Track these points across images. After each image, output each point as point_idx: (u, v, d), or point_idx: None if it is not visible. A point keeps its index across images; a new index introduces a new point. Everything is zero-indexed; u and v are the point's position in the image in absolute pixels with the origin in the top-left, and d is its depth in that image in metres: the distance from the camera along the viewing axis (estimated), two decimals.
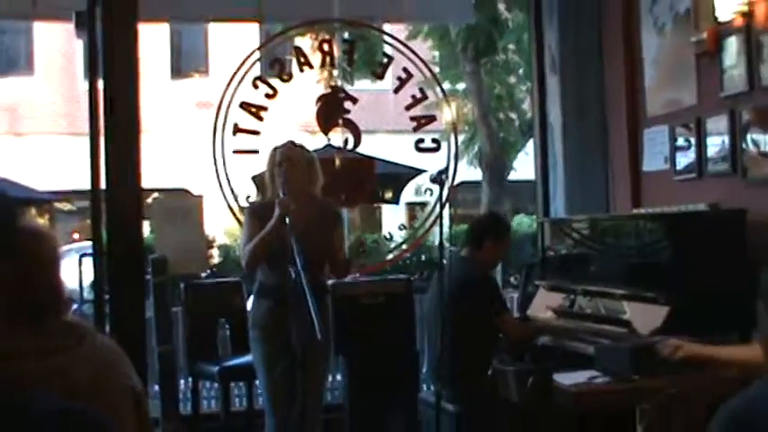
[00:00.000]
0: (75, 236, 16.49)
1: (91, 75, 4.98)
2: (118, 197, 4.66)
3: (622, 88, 5.56)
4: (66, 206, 17.33)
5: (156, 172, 6.54)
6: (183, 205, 6.00)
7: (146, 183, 4.73)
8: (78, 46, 15.16)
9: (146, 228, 6.08)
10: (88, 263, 5.15)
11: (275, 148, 4.32)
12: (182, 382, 6.01)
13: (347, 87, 6.56)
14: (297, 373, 3.88)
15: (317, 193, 4.35)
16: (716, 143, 4.70)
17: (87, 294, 6.82)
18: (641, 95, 5.41)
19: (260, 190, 5.78)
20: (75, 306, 7.72)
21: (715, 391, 3.12)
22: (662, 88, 5.21)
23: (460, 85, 14.81)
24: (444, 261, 4.27)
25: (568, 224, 5.25)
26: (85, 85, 5.14)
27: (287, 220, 3.93)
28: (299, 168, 4.23)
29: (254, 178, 5.86)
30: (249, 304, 4.41)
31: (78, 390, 1.76)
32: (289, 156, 4.24)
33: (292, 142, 4.35)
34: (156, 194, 6.49)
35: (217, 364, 5.35)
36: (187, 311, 5.71)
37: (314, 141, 6.07)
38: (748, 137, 4.46)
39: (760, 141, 4.39)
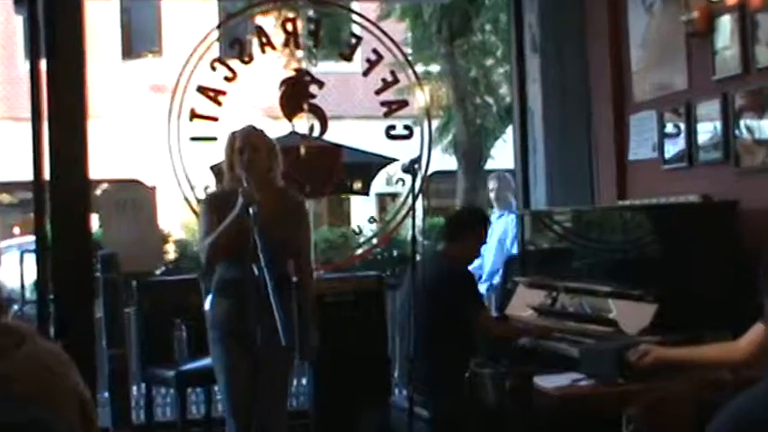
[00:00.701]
0: (17, 230, 16.32)
1: (32, 55, 4.92)
2: (63, 188, 4.62)
3: (607, 71, 5.58)
4: (6, 198, 17.13)
5: (105, 161, 6.49)
6: (134, 197, 5.95)
7: (94, 173, 4.70)
8: (18, 23, 14.99)
9: (94, 222, 6.03)
10: (31, 260, 5.09)
11: (233, 133, 4.30)
12: (134, 388, 5.97)
13: (313, 70, 6.53)
14: (259, 376, 3.86)
15: (280, 182, 4.33)
16: (707, 130, 4.73)
17: (30, 294, 6.76)
18: (628, 78, 5.43)
19: (219, 180, 5.75)
20: (15, 307, 7.65)
21: (705, 394, 3.16)
22: (650, 71, 5.23)
23: (434, 68, 14.79)
24: (417, 256, 4.27)
25: (550, 216, 5.26)
26: (26, 66, 5.08)
27: (251, 211, 3.91)
28: (262, 155, 4.21)
29: (212, 168, 5.83)
30: (207, 304, 4.37)
31: (19, 398, 1.74)
32: (251, 141, 4.21)
33: (252, 126, 4.33)
34: (105, 185, 6.43)
35: (173, 368, 5.32)
36: (140, 312, 5.67)
37: (277, 128, 6.04)
38: (742, 123, 4.49)
39: (754, 128, 4.42)
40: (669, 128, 5.05)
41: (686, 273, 4.09)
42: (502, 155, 13.79)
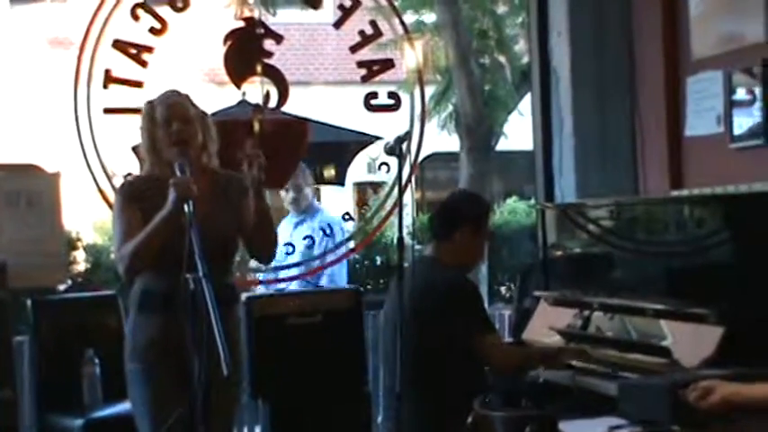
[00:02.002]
0: None
1: None
2: None
3: (658, 18, 5.59)
4: None
5: None
6: (30, 187, 5.96)
7: None
8: None
9: None
10: None
11: (151, 102, 4.31)
12: None
13: (268, 20, 6.54)
14: (197, 423, 3.85)
15: (215, 161, 4.36)
16: None
17: None
18: (685, 28, 5.44)
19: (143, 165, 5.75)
20: None
21: None
22: (715, 17, 5.24)
23: (429, 17, 14.83)
24: (406, 264, 4.27)
25: (581, 211, 5.27)
26: None
27: (186, 208, 3.91)
28: (194, 128, 4.22)
29: (135, 149, 5.82)
30: (126, 327, 4.37)
31: None
32: (178, 111, 4.23)
33: (176, 91, 4.33)
34: None
35: (80, 415, 5.34)
36: (37, 340, 5.67)
37: (222, 96, 6.04)
38: None
39: None
40: (740, 93, 5.06)
41: (763, 286, 4.10)
42: (517, 131, 13.84)
